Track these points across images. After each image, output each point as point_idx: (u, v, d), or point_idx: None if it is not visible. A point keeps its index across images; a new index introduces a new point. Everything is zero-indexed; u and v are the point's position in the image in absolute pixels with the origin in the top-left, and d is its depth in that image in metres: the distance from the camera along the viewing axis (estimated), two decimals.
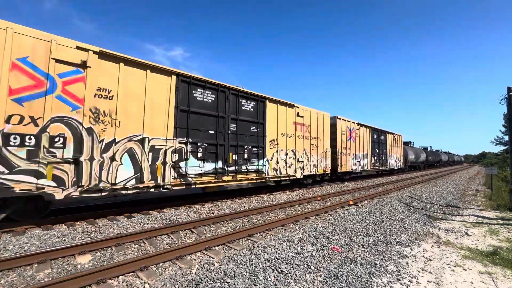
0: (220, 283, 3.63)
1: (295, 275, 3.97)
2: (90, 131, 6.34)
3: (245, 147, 10.24)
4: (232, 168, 9.70)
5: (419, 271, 4.40)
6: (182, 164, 8.17)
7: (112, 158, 6.66)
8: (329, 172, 15.70)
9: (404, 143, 35.37)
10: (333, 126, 16.48)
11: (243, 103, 10.35)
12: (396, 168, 26.53)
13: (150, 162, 7.38)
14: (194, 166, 8.47)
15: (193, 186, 8.41)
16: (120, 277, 3.81)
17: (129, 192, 6.93)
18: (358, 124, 19.34)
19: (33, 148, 5.52)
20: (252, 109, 10.70)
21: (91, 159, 6.31)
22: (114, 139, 6.73)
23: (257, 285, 3.64)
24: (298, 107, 13.17)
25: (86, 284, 3.52)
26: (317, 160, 14.49)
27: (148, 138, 7.38)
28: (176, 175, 7.96)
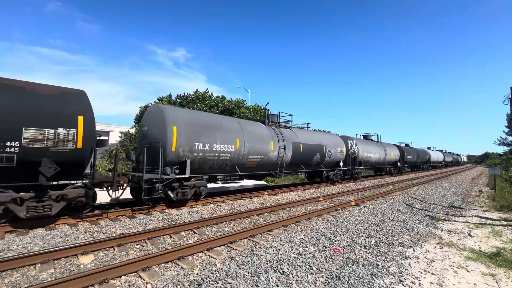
0: (222, 284, 3.63)
1: (297, 276, 3.96)
2: None
3: None
4: None
5: (421, 272, 4.38)
6: None
7: None
8: None
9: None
10: None
11: None
12: None
13: None
14: None
15: None
16: (123, 277, 3.83)
17: None
18: None
19: None
20: None
21: None
22: None
23: (258, 286, 3.64)
24: None
25: (89, 284, 3.54)
26: None
27: None
28: None
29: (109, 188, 7.21)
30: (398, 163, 26.30)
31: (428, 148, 45.63)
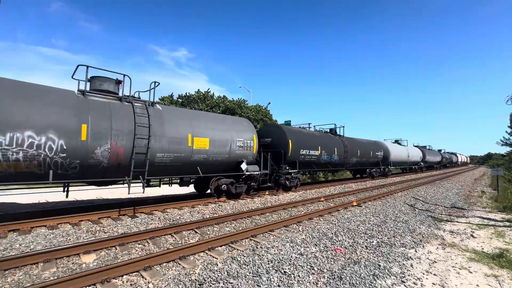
0: (223, 284, 3.63)
1: (298, 276, 3.96)
2: None
3: None
4: None
5: (423, 273, 4.36)
6: None
7: None
8: None
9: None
10: None
11: None
12: None
13: None
14: None
15: None
16: (124, 276, 3.84)
17: None
18: None
19: None
20: None
21: None
22: None
23: (260, 286, 3.63)
24: None
25: (91, 283, 3.55)
26: None
27: None
28: None
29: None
30: (243, 165, 10.01)
31: (396, 141, 29.06)
